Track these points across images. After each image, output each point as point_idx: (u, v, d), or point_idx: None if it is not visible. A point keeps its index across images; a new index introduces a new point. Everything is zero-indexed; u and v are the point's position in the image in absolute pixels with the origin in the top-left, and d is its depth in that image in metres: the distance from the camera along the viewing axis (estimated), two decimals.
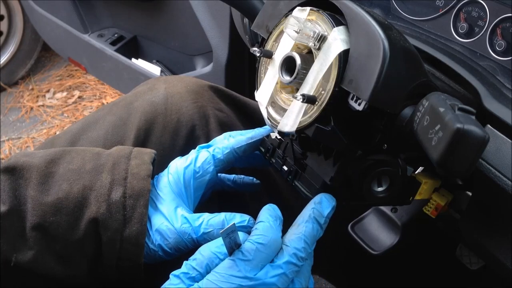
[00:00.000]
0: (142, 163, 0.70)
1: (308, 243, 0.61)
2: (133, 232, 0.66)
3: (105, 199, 0.66)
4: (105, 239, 0.65)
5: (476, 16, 0.74)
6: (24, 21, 2.67)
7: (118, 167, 0.69)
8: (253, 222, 0.65)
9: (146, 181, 0.68)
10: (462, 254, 0.97)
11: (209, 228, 0.66)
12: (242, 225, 0.66)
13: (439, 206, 0.68)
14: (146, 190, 0.67)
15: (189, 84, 0.90)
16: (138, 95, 0.89)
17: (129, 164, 0.70)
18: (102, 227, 0.65)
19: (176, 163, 0.73)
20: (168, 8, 1.59)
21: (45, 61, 2.95)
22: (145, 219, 0.66)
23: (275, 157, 0.71)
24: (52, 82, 2.80)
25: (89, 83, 2.75)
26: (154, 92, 0.88)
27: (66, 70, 2.87)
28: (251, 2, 0.78)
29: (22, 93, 2.75)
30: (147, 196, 0.67)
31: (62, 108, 2.62)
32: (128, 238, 0.66)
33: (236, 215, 0.67)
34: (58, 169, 0.68)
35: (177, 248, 0.67)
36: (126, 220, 0.66)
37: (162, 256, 0.68)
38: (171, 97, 0.87)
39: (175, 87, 0.89)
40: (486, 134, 0.46)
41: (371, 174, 0.61)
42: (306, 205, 0.64)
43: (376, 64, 0.52)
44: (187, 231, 0.66)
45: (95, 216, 0.65)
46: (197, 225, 0.67)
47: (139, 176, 0.68)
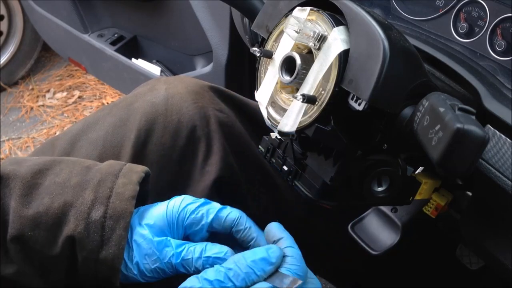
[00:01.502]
0: (129, 182, 0.68)
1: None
2: (109, 255, 0.64)
3: (84, 217, 0.65)
4: (81, 258, 0.64)
5: (476, 16, 0.74)
6: (24, 21, 2.67)
7: (104, 185, 0.67)
8: (230, 255, 0.65)
9: (129, 203, 0.66)
10: (462, 254, 0.97)
11: (188, 255, 0.66)
12: (218, 257, 0.65)
13: (439, 206, 0.68)
14: (128, 212, 0.65)
15: (190, 85, 0.90)
16: (139, 96, 0.89)
17: (115, 182, 0.68)
18: (79, 246, 0.64)
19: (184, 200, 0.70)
20: (168, 8, 1.59)
21: (45, 61, 2.95)
22: (123, 242, 0.64)
23: (275, 157, 0.71)
24: (52, 82, 2.80)
25: (89, 83, 2.75)
26: (155, 93, 0.88)
27: (66, 70, 2.87)
28: (251, 2, 0.78)
29: (22, 93, 2.75)
30: (128, 219, 0.65)
31: (62, 108, 2.62)
32: (103, 260, 0.64)
33: (216, 246, 0.66)
34: (44, 181, 0.67)
35: (155, 270, 0.66)
36: (104, 242, 0.64)
37: (136, 276, 0.66)
38: (171, 97, 0.87)
39: (176, 88, 0.89)
40: (486, 134, 0.46)
41: (371, 174, 0.61)
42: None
43: (376, 64, 0.52)
44: (168, 255, 0.65)
45: (72, 234, 0.64)
46: (179, 251, 0.66)
47: (123, 196, 0.66)
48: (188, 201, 0.69)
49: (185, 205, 0.69)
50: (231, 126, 0.90)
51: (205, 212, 0.68)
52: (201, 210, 0.68)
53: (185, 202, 0.69)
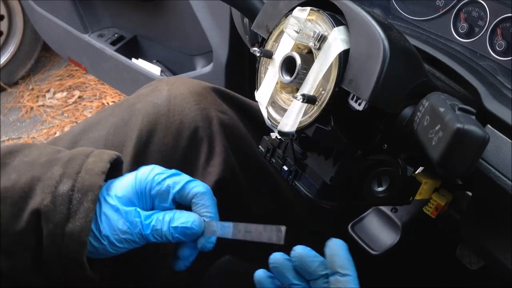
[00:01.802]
0: (99, 160, 0.68)
1: None
2: (76, 227, 0.63)
3: (51, 190, 0.64)
4: (46, 232, 0.63)
5: (476, 16, 0.74)
6: (24, 21, 2.67)
7: (74, 162, 0.67)
8: (198, 224, 0.68)
9: (99, 177, 0.66)
10: (462, 254, 0.97)
11: (158, 225, 0.67)
12: (185, 226, 0.67)
13: (439, 206, 0.68)
14: (97, 186, 0.65)
15: (192, 86, 0.90)
16: (141, 97, 0.89)
17: (86, 160, 0.68)
18: (45, 219, 0.63)
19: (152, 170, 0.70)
20: (168, 8, 1.59)
21: (45, 61, 2.95)
22: (91, 215, 0.64)
23: (275, 157, 0.71)
24: (52, 82, 2.80)
25: (89, 83, 2.75)
26: (157, 94, 0.88)
27: (66, 70, 2.87)
28: (251, 2, 0.78)
29: (22, 93, 2.75)
30: (96, 192, 0.65)
31: (62, 108, 2.62)
32: (70, 234, 0.63)
33: (183, 214, 0.68)
34: (12, 161, 0.67)
35: (125, 241, 0.66)
36: (71, 215, 0.64)
37: (107, 248, 0.66)
38: (173, 98, 0.87)
39: (178, 89, 0.89)
40: (486, 134, 0.46)
41: (371, 174, 0.61)
42: None
43: (376, 64, 0.52)
44: (138, 225, 0.66)
45: (38, 207, 0.63)
46: (148, 222, 0.67)
47: (92, 171, 0.66)
48: (156, 171, 0.69)
49: (154, 176, 0.69)
50: (233, 127, 0.90)
51: (171, 184, 0.69)
52: (167, 182, 0.69)
53: (153, 172, 0.69)
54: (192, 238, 0.69)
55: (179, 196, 0.69)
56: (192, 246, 0.72)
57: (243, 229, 0.69)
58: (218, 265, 1.06)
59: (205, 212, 0.70)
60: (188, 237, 0.69)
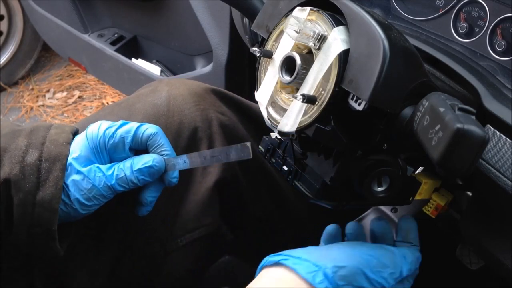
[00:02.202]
0: (62, 132, 0.70)
1: None
2: (46, 195, 0.65)
3: (19, 160, 0.65)
4: (17, 201, 0.64)
5: (476, 16, 0.74)
6: (24, 21, 2.67)
7: (36, 133, 0.69)
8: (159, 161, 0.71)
9: (64, 147, 0.68)
10: (462, 254, 0.96)
11: (121, 174, 0.69)
12: (148, 166, 0.70)
13: (439, 206, 0.68)
14: (64, 155, 0.67)
15: (192, 87, 0.91)
16: (141, 97, 0.89)
17: (48, 132, 0.69)
18: (15, 188, 0.65)
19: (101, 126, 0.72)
20: (168, 8, 1.59)
21: (45, 61, 2.95)
22: (60, 183, 0.66)
23: (275, 157, 0.71)
24: (52, 82, 2.80)
25: (89, 83, 2.75)
26: (157, 94, 0.88)
27: (66, 70, 2.87)
28: (251, 2, 0.78)
29: (22, 93, 2.75)
30: (64, 161, 0.67)
31: (62, 108, 2.62)
32: (41, 202, 0.65)
33: (143, 157, 0.71)
34: None
35: (94, 198, 0.68)
36: (40, 183, 0.65)
37: (78, 209, 0.68)
38: (173, 99, 0.87)
39: (178, 90, 0.89)
40: (486, 134, 0.46)
41: (371, 174, 0.61)
42: None
43: (376, 64, 0.52)
44: (102, 179, 0.68)
45: (8, 177, 0.64)
46: (110, 173, 0.69)
47: (57, 142, 0.68)
48: (105, 126, 0.71)
49: (104, 130, 0.70)
50: (233, 129, 0.90)
51: (124, 133, 0.71)
52: (119, 132, 0.71)
53: (103, 127, 0.71)
54: (157, 175, 0.72)
55: (134, 143, 0.71)
56: (153, 189, 0.73)
57: (208, 155, 0.71)
58: (218, 265, 1.06)
59: (162, 151, 0.72)
60: (152, 176, 0.71)
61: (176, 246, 0.87)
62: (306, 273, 0.60)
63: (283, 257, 0.63)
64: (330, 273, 0.60)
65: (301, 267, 0.61)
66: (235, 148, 0.69)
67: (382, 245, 0.68)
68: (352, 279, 0.61)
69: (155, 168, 0.71)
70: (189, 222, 0.87)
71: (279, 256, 0.64)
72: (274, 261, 0.63)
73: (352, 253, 0.63)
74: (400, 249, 0.68)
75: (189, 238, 0.87)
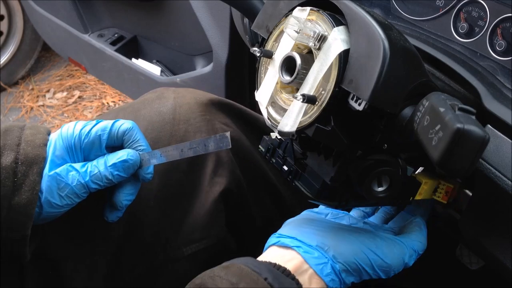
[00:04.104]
0: (37, 132, 0.68)
1: None
2: (22, 200, 0.63)
3: None
4: None
5: (476, 16, 0.74)
6: (24, 21, 2.67)
7: (11, 134, 0.67)
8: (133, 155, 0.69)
9: (41, 149, 0.66)
10: (462, 254, 0.96)
11: (94, 170, 0.68)
12: (123, 160, 0.69)
13: (449, 189, 0.67)
14: (41, 158, 0.65)
15: (199, 97, 0.90)
16: (146, 103, 0.88)
17: (22, 132, 0.67)
18: None
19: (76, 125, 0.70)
20: (168, 8, 1.59)
21: (45, 61, 2.95)
22: (37, 187, 0.64)
23: (275, 157, 0.71)
24: (52, 82, 2.80)
25: (89, 83, 2.75)
26: (163, 101, 0.88)
27: (66, 70, 2.87)
28: (251, 2, 0.78)
29: (22, 93, 2.75)
30: (41, 164, 0.65)
31: (62, 108, 2.62)
32: (16, 207, 0.63)
33: (117, 152, 0.70)
34: None
35: (67, 197, 0.67)
36: (16, 187, 0.63)
37: (49, 210, 0.66)
38: (179, 107, 0.87)
39: (184, 98, 0.89)
40: (487, 134, 0.46)
41: (371, 174, 0.61)
42: None
43: (376, 64, 0.52)
44: (76, 177, 0.67)
45: None
46: (84, 170, 0.68)
47: (34, 143, 0.66)
48: (81, 125, 0.70)
49: (80, 129, 0.69)
50: (238, 140, 0.89)
51: (99, 131, 0.69)
52: (94, 130, 0.69)
53: (78, 126, 0.69)
54: (132, 170, 0.70)
55: (110, 140, 0.70)
56: (129, 190, 0.72)
57: (186, 148, 0.69)
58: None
59: (137, 146, 0.71)
60: (127, 171, 0.70)
61: (181, 255, 0.86)
62: (316, 264, 0.63)
63: (296, 243, 0.64)
64: (338, 267, 0.63)
65: (311, 257, 0.63)
66: (214, 139, 0.67)
67: (391, 238, 0.68)
68: (357, 274, 0.64)
69: (130, 162, 0.69)
70: (195, 232, 0.86)
71: (291, 241, 0.65)
72: (287, 245, 0.65)
73: (361, 249, 0.65)
74: (411, 238, 0.68)
75: (194, 248, 0.86)
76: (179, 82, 1.52)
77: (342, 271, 0.63)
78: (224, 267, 0.61)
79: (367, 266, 0.64)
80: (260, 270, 0.59)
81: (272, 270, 0.60)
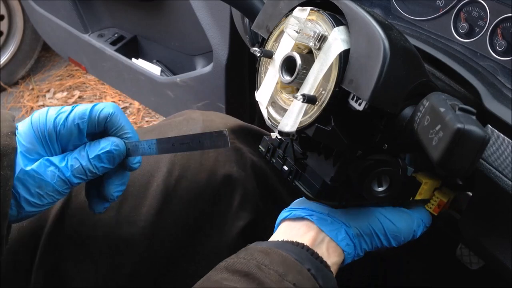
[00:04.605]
0: (3, 120, 0.61)
1: None
2: None
3: None
4: None
5: (477, 16, 0.74)
6: (24, 21, 2.67)
7: None
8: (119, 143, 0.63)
9: (10, 138, 0.59)
10: (462, 254, 0.96)
11: (76, 164, 0.61)
12: (107, 150, 0.62)
13: (442, 203, 0.68)
14: (11, 148, 0.58)
15: (228, 122, 0.89)
16: (173, 125, 0.86)
17: None
18: None
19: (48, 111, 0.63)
20: (168, 8, 1.59)
21: (45, 61, 2.95)
22: (10, 183, 0.57)
23: (275, 157, 0.71)
24: (52, 82, 2.80)
25: (89, 83, 2.75)
26: (191, 123, 0.85)
27: (66, 70, 2.87)
28: (252, 2, 0.78)
29: (22, 93, 2.75)
30: (12, 156, 0.58)
31: None
32: None
33: (100, 142, 0.63)
34: None
35: (47, 195, 0.61)
36: None
37: (28, 210, 0.61)
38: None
39: (214, 122, 0.87)
40: (487, 134, 0.46)
41: (371, 174, 0.61)
42: None
43: (376, 64, 0.52)
44: (55, 173, 0.61)
45: None
46: (64, 165, 0.61)
47: (1, 132, 0.59)
48: (54, 112, 0.62)
49: (54, 118, 0.62)
50: (261, 168, 0.88)
51: (77, 119, 0.62)
52: (71, 117, 0.62)
53: (51, 114, 0.62)
54: (118, 160, 0.64)
55: (90, 126, 0.63)
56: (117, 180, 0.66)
57: (178, 142, 0.63)
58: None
59: (122, 134, 0.64)
60: (112, 161, 0.63)
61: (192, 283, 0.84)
62: (330, 230, 0.64)
63: (308, 212, 0.65)
64: (351, 231, 0.64)
65: (325, 223, 0.64)
66: (209, 135, 0.61)
67: (400, 208, 0.69)
68: (369, 240, 0.66)
69: (115, 152, 0.62)
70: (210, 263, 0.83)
71: (304, 211, 0.66)
72: (299, 215, 0.65)
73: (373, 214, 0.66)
74: (418, 211, 0.69)
75: None
76: (179, 82, 1.52)
77: (355, 236, 0.64)
78: (264, 253, 0.59)
79: (379, 231, 0.65)
80: (301, 259, 0.59)
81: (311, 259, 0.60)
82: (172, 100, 1.60)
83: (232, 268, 0.58)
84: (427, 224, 0.69)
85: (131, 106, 2.57)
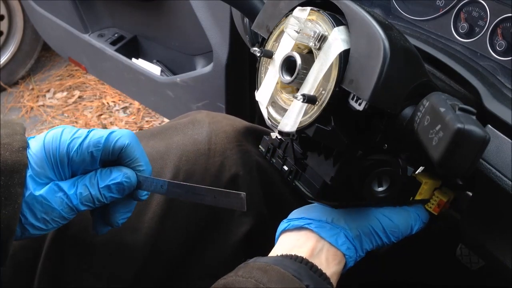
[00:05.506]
0: (14, 133, 0.59)
1: None
2: (3, 215, 0.56)
3: None
4: None
5: (477, 16, 0.74)
6: (24, 21, 2.67)
7: None
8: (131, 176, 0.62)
9: (22, 154, 0.57)
10: (462, 254, 0.96)
11: (85, 192, 0.60)
12: (117, 182, 0.61)
13: (442, 202, 0.69)
14: (22, 165, 0.57)
15: (235, 124, 0.87)
16: (179, 127, 0.85)
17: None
18: None
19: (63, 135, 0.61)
20: (168, 8, 1.59)
21: (45, 61, 2.95)
22: (19, 201, 0.56)
23: (275, 157, 0.71)
24: (52, 82, 2.80)
25: (89, 83, 2.75)
26: (197, 127, 0.84)
27: (66, 70, 2.87)
28: (252, 2, 0.78)
29: (22, 93, 2.75)
30: (23, 173, 0.57)
31: (62, 108, 2.62)
32: None
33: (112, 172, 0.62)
34: None
35: (53, 221, 0.60)
36: None
37: (32, 233, 0.60)
38: (215, 136, 0.83)
39: (220, 124, 0.85)
40: (487, 134, 0.46)
41: (371, 174, 0.61)
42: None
43: (376, 64, 0.52)
44: (64, 199, 0.60)
45: None
46: (73, 192, 0.60)
47: (11, 147, 0.57)
48: (69, 136, 0.61)
49: (68, 142, 0.60)
50: (266, 171, 0.87)
51: (92, 147, 0.61)
52: (86, 144, 0.60)
53: (65, 137, 0.60)
54: (127, 192, 0.63)
55: (104, 155, 0.62)
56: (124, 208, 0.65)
57: (191, 191, 0.62)
58: None
59: (136, 166, 0.63)
60: (122, 192, 0.62)
61: (194, 286, 0.82)
62: (330, 236, 0.64)
63: (306, 221, 0.66)
64: (351, 234, 0.65)
65: (324, 230, 0.64)
66: (226, 194, 0.61)
67: (396, 207, 0.69)
68: (369, 239, 0.66)
69: (125, 185, 0.62)
70: (213, 269, 0.82)
71: (302, 221, 0.66)
72: (297, 225, 0.66)
73: (371, 213, 0.67)
74: (414, 207, 0.70)
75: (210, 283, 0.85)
76: (179, 82, 1.52)
77: (355, 238, 0.65)
78: (263, 271, 0.58)
79: (378, 229, 0.66)
80: (300, 275, 0.58)
81: (310, 274, 0.60)
82: (172, 100, 1.60)
83: (231, 287, 0.58)
84: (424, 219, 0.70)
85: (131, 106, 2.57)
